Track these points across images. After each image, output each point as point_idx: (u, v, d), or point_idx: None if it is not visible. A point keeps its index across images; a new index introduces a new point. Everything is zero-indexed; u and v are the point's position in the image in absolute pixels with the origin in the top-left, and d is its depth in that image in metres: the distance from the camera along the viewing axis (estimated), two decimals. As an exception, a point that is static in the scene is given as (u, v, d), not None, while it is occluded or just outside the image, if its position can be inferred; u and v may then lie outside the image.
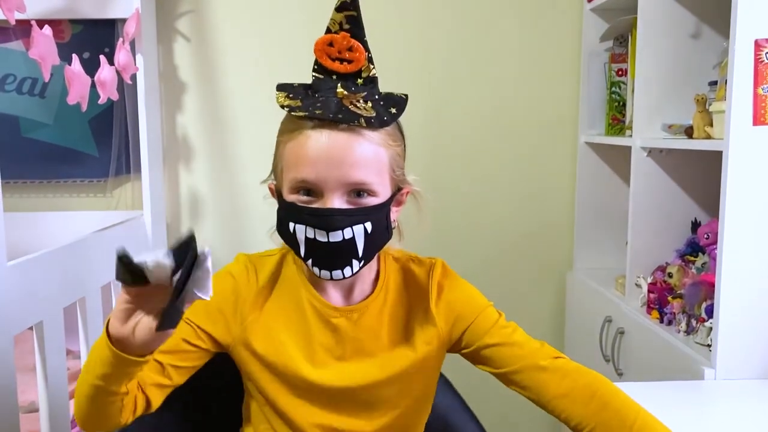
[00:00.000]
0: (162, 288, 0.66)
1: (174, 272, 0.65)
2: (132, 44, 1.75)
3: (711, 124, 1.37)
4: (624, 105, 1.84)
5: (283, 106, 0.83)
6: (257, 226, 1.98)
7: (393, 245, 0.92)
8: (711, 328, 1.27)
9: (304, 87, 0.86)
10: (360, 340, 0.91)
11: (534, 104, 2.00)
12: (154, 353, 0.75)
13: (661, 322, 1.46)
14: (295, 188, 0.83)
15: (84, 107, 1.47)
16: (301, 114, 0.81)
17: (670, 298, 1.45)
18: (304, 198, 0.83)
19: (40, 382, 1.28)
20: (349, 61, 0.83)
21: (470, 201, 2.01)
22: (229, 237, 2.00)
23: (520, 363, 0.89)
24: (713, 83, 1.42)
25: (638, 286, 1.57)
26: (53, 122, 1.93)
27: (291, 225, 0.83)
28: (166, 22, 1.91)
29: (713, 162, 1.49)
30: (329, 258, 0.83)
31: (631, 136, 1.60)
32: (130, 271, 0.64)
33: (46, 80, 1.29)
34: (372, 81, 0.85)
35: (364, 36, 0.84)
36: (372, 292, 0.93)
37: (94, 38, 1.90)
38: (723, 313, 1.20)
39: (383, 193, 0.85)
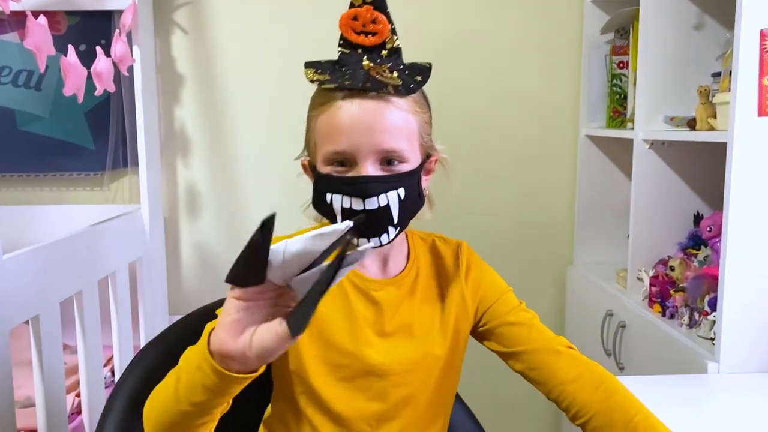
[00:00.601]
0: (281, 291, 0.62)
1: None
2: (129, 36, 1.73)
3: (714, 116, 1.36)
4: (625, 98, 1.83)
5: (312, 81, 0.85)
6: (256, 220, 1.96)
7: (425, 214, 0.93)
8: (714, 322, 1.26)
9: (332, 63, 0.87)
10: (399, 313, 0.92)
11: (534, 97, 1.99)
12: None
13: (663, 315, 1.45)
14: (329, 159, 0.84)
15: (80, 99, 1.45)
16: (331, 86, 0.83)
17: (672, 292, 1.44)
18: (339, 168, 0.84)
19: (36, 377, 1.27)
20: (374, 34, 0.85)
21: (470, 195, 2.00)
22: (227, 231, 1.98)
23: (536, 344, 0.91)
24: (716, 75, 1.41)
25: (640, 279, 1.56)
26: (49, 115, 1.91)
27: (328, 196, 0.84)
28: (163, 13, 1.89)
29: (716, 154, 1.48)
30: (366, 226, 0.84)
31: (632, 128, 1.59)
32: (254, 263, 0.58)
33: (42, 70, 1.28)
34: (396, 52, 0.87)
35: (387, 8, 0.86)
36: (405, 266, 0.94)
37: (90, 30, 1.88)
38: (727, 306, 1.19)
39: (414, 160, 0.86)
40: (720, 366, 1.19)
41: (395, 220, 0.84)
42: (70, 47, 1.42)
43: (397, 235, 0.86)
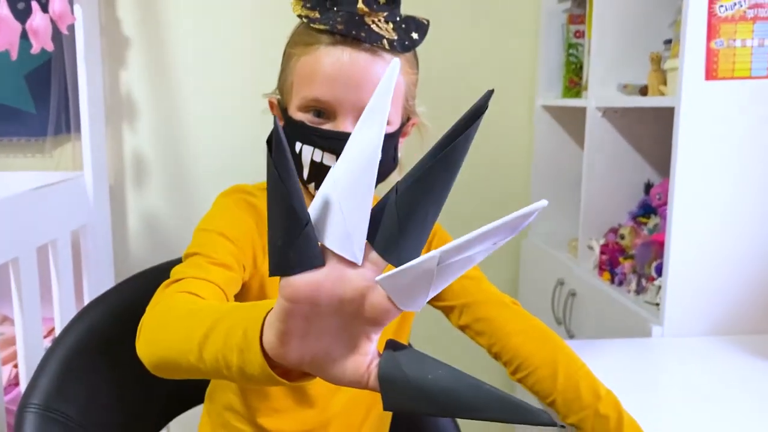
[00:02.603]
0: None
1: None
2: (70, -6, 1.65)
3: (665, 83, 1.35)
4: (581, 68, 1.82)
5: (300, 16, 0.79)
6: (207, 189, 1.91)
7: (392, 178, 0.89)
8: (660, 287, 1.26)
9: None
10: None
11: (490, 67, 1.96)
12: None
13: (612, 282, 1.45)
14: (306, 106, 0.79)
15: (13, 56, 1.38)
16: (321, 27, 0.76)
17: (621, 259, 1.45)
18: (315, 119, 0.79)
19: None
20: None
21: (426, 164, 1.97)
22: (175, 199, 1.92)
23: (484, 295, 0.90)
24: (668, 41, 1.41)
25: (590, 248, 1.56)
26: (-15, 76, 1.82)
27: (297, 145, 0.79)
28: (108, -28, 1.81)
29: (666, 121, 1.48)
30: None
31: (586, 97, 1.58)
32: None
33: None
34: (395, 1, 0.81)
35: None
36: None
37: (29, -13, 1.78)
38: (671, 271, 1.19)
39: (395, 122, 0.82)
40: (664, 329, 1.20)
41: None
42: (2, 0, 1.34)
43: None
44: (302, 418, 0.87)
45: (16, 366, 1.47)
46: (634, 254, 1.42)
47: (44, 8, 1.51)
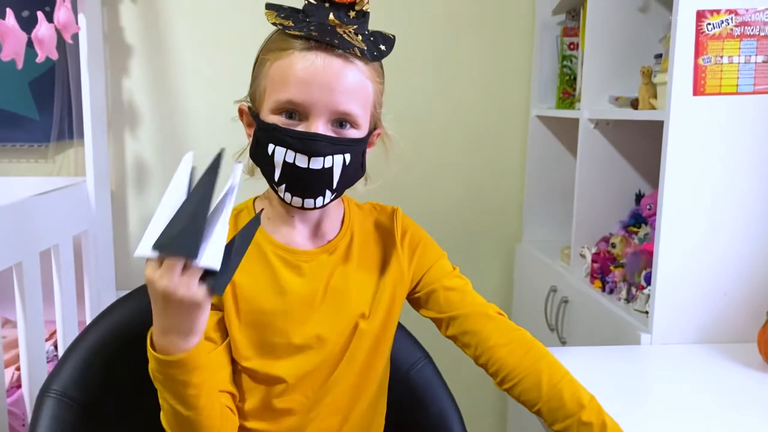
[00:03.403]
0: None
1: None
2: (74, 3, 1.68)
3: (655, 96, 1.39)
4: (575, 79, 1.85)
5: (275, 24, 0.82)
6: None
7: (358, 187, 0.91)
8: (649, 296, 1.29)
9: (295, 10, 0.84)
10: (332, 281, 0.90)
11: (486, 78, 2.00)
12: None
13: (603, 290, 1.48)
14: (279, 109, 0.81)
15: (19, 65, 1.41)
16: (297, 33, 0.80)
17: (612, 267, 1.48)
18: (288, 121, 0.81)
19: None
20: None
21: (420, 174, 2.01)
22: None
23: (470, 308, 0.92)
24: (659, 56, 1.44)
25: (583, 256, 1.60)
26: (-10, 83, 1.85)
27: (270, 147, 0.81)
28: (111, -19, 1.85)
29: (657, 134, 1.52)
30: (304, 184, 0.82)
31: (579, 109, 1.62)
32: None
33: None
34: (364, 15, 0.84)
35: None
36: (339, 231, 0.93)
37: (34, -4, 1.81)
38: (660, 280, 1.23)
39: (364, 128, 0.85)
40: (652, 337, 1.23)
41: (334, 185, 0.83)
42: (9, 11, 1.38)
43: (331, 200, 0.85)
44: (284, 426, 0.90)
45: (18, 369, 1.49)
46: (624, 263, 1.45)
47: (49, 18, 1.54)
